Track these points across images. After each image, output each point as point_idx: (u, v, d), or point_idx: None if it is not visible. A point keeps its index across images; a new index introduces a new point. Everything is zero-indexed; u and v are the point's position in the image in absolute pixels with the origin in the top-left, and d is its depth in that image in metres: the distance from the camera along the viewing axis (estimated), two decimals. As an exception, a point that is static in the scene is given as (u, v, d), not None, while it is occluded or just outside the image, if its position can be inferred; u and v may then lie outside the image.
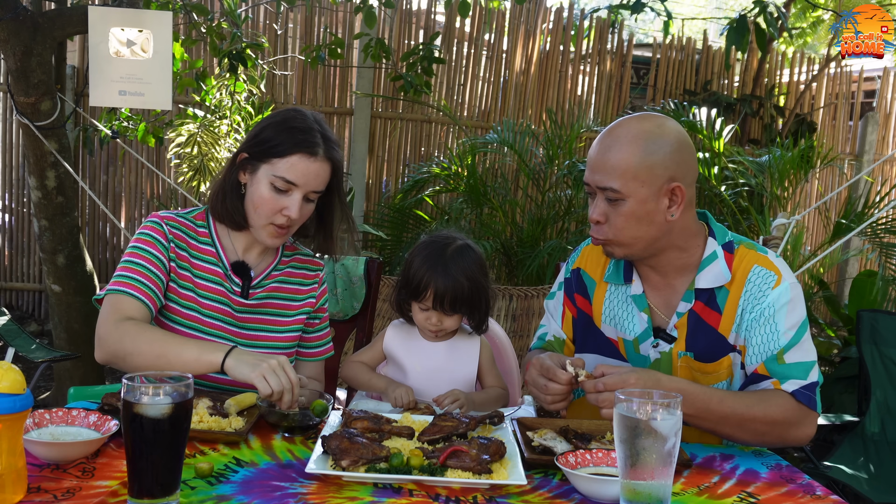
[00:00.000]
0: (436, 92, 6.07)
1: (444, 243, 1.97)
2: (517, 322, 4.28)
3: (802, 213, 5.52)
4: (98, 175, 5.81)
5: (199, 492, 1.32)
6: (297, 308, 2.00)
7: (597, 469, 1.44)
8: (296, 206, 1.82)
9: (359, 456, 1.40)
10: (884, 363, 3.14)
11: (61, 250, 4.01)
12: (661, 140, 1.67)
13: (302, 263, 2.04)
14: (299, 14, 5.83)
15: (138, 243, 1.86)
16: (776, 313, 1.70)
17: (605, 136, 1.71)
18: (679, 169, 1.68)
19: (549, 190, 5.27)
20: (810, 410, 1.68)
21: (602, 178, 1.68)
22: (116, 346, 1.73)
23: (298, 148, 1.81)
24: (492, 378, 2.05)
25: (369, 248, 5.51)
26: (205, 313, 1.89)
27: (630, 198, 1.66)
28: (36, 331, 5.54)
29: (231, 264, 1.93)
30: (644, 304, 1.81)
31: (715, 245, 1.77)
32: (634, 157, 1.65)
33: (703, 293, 1.76)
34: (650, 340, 1.80)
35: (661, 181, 1.66)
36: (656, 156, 1.66)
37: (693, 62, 6.88)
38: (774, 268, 1.74)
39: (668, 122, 1.72)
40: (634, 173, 1.65)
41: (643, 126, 1.68)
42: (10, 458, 1.22)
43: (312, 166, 1.82)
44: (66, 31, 3.82)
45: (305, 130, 1.83)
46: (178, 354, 1.68)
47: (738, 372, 1.77)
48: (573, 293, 1.96)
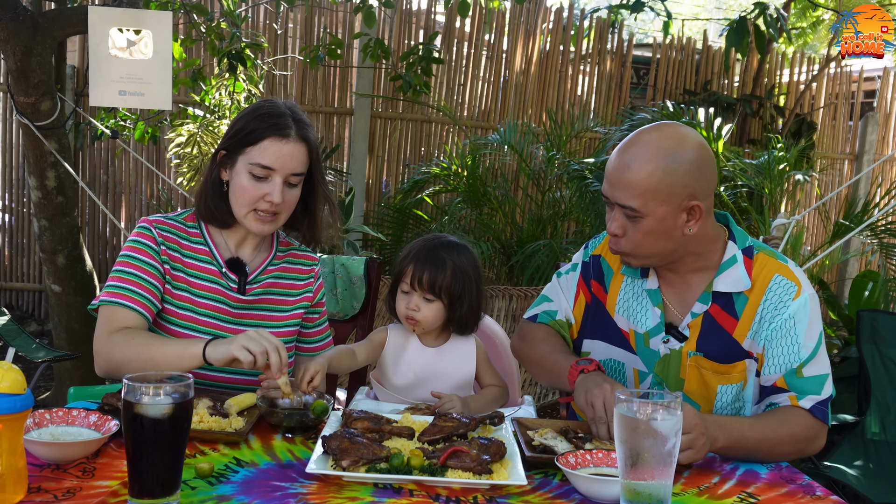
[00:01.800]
0: (436, 92, 6.07)
1: (438, 239, 1.99)
2: (517, 322, 4.28)
3: (802, 213, 5.53)
4: (98, 175, 5.80)
5: (200, 492, 1.32)
6: (294, 303, 2.01)
7: (597, 469, 1.44)
8: (277, 190, 1.82)
9: (359, 456, 1.40)
10: (884, 363, 3.14)
11: (61, 250, 4.00)
12: (681, 157, 1.64)
13: (297, 258, 2.05)
14: (299, 14, 5.83)
15: (128, 251, 1.87)
16: (796, 325, 1.71)
17: (625, 151, 1.68)
18: (698, 185, 1.67)
19: (549, 190, 5.27)
20: (824, 424, 1.71)
21: (621, 195, 1.67)
22: (109, 359, 1.77)
23: (269, 132, 1.82)
24: (489, 377, 2.04)
25: (369, 249, 5.51)
26: (201, 312, 1.89)
27: (649, 216, 1.66)
28: (36, 331, 5.54)
29: (225, 261, 1.93)
30: (658, 299, 1.81)
31: (735, 249, 1.77)
32: (654, 176, 1.63)
33: (720, 296, 1.76)
34: (661, 336, 1.80)
35: (680, 199, 1.65)
36: (676, 175, 1.64)
37: (693, 62, 6.88)
38: (795, 278, 1.74)
39: (688, 136, 1.68)
40: (654, 193, 1.64)
41: (663, 142, 1.65)
42: (11, 458, 1.22)
43: (286, 147, 1.83)
44: (66, 31, 3.82)
45: (276, 115, 1.85)
46: (163, 354, 1.70)
47: (752, 379, 1.76)
48: (590, 279, 1.95)
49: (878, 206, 5.07)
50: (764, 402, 1.74)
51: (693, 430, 1.48)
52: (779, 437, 1.63)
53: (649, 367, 1.82)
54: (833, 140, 7.34)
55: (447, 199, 5.63)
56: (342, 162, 6.01)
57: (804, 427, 1.68)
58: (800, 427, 1.67)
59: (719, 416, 1.64)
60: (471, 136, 5.76)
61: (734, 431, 1.58)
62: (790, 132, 6.77)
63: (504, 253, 5.07)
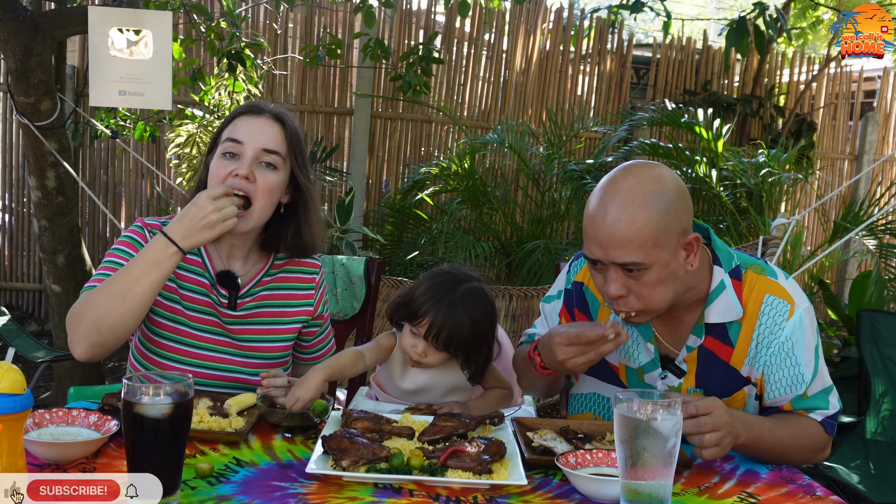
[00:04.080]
0: (436, 92, 6.07)
1: (458, 278, 1.89)
2: (517, 322, 4.28)
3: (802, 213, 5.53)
4: (98, 175, 5.81)
5: (200, 492, 1.32)
6: (292, 315, 1.92)
7: (597, 469, 1.44)
8: (245, 163, 1.74)
9: (359, 456, 1.40)
10: (884, 363, 3.14)
11: (61, 250, 4.00)
12: (667, 196, 1.56)
13: (297, 266, 1.95)
14: (299, 14, 5.83)
15: (119, 245, 1.82)
16: (794, 346, 1.67)
17: (607, 205, 1.56)
18: (688, 218, 1.61)
19: (548, 190, 5.27)
20: (830, 437, 1.71)
21: (619, 254, 1.55)
22: (81, 325, 1.64)
23: (242, 111, 1.82)
24: (492, 378, 2.02)
25: (369, 249, 5.51)
26: (194, 326, 1.83)
27: (654, 265, 1.56)
28: (36, 331, 5.54)
29: (217, 274, 1.84)
30: (650, 334, 1.75)
31: (722, 274, 1.69)
32: (651, 223, 1.53)
33: (713, 328, 1.71)
34: (658, 371, 1.76)
35: (676, 238, 1.57)
36: (668, 215, 1.55)
37: (693, 62, 6.88)
38: (786, 295, 1.69)
39: (663, 173, 1.61)
40: (654, 241, 1.54)
41: (645, 185, 1.56)
42: (11, 458, 1.21)
43: (256, 121, 1.79)
44: (66, 31, 3.82)
45: (253, 105, 1.84)
46: (131, 274, 1.62)
47: (751, 402, 1.75)
48: (573, 308, 1.88)
49: (877, 203, 5.07)
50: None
51: (722, 428, 1.46)
52: (792, 445, 1.63)
53: None
54: (833, 140, 7.34)
55: (447, 198, 5.63)
56: (342, 162, 6.01)
57: (816, 439, 1.68)
58: (812, 439, 1.67)
59: (743, 414, 1.61)
60: (471, 137, 5.75)
61: (755, 431, 1.57)
62: (790, 132, 6.77)
63: (504, 253, 5.07)
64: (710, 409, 1.47)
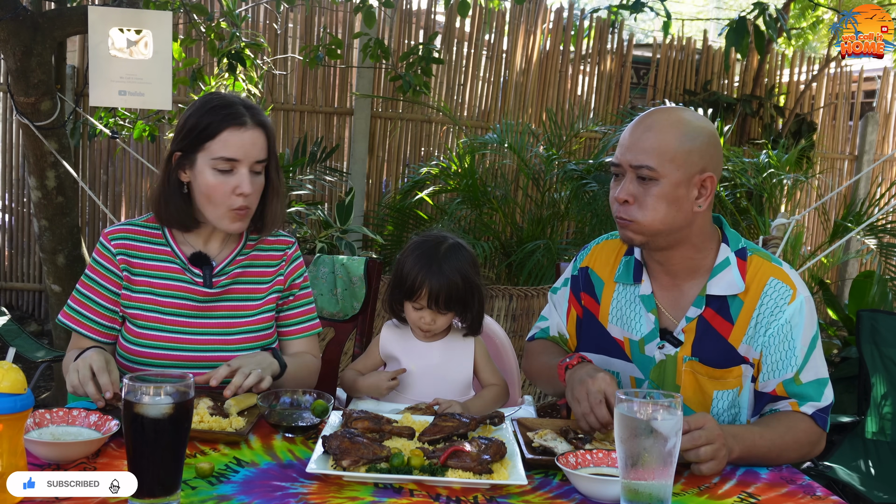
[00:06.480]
0: (436, 92, 6.07)
1: (435, 242, 1.97)
2: (517, 322, 4.29)
3: (802, 213, 5.53)
4: (98, 175, 5.81)
5: (200, 492, 1.32)
6: (265, 290, 1.98)
7: (597, 469, 1.45)
8: (246, 180, 1.81)
9: (359, 456, 1.40)
10: (884, 363, 3.14)
11: (61, 250, 4.00)
12: (699, 129, 1.69)
13: (269, 245, 2.02)
14: (299, 14, 5.83)
15: (89, 272, 1.92)
16: (793, 329, 1.70)
17: (643, 121, 1.71)
18: (712, 161, 1.70)
19: (548, 190, 5.27)
20: (823, 431, 1.71)
21: (637, 156, 1.67)
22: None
23: (226, 123, 1.81)
24: (488, 374, 2.04)
25: (369, 249, 5.51)
26: (165, 311, 1.89)
27: (664, 178, 1.66)
28: (36, 331, 5.54)
29: (189, 257, 1.91)
30: (652, 305, 1.80)
31: (728, 251, 1.76)
32: (674, 140, 1.66)
33: (714, 300, 1.74)
34: (656, 342, 1.79)
35: (695, 168, 1.67)
36: (695, 143, 1.67)
37: (693, 62, 6.88)
38: (790, 281, 1.73)
39: (703, 118, 1.75)
40: (672, 155, 1.65)
41: (682, 115, 1.71)
42: (11, 458, 1.22)
43: (245, 135, 1.81)
44: (66, 31, 3.81)
45: (227, 106, 1.83)
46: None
47: (747, 384, 1.75)
48: (580, 292, 1.94)
49: (877, 203, 5.07)
50: (765, 410, 1.74)
51: (716, 440, 1.47)
52: (785, 444, 1.63)
53: (645, 374, 1.81)
54: (833, 140, 7.34)
55: (447, 198, 5.63)
56: (342, 162, 6.01)
57: (808, 433, 1.68)
58: (804, 433, 1.67)
59: (730, 427, 1.62)
60: (471, 136, 5.75)
61: (747, 441, 1.57)
62: (790, 132, 6.77)
63: (504, 253, 5.06)
64: (702, 423, 1.48)
